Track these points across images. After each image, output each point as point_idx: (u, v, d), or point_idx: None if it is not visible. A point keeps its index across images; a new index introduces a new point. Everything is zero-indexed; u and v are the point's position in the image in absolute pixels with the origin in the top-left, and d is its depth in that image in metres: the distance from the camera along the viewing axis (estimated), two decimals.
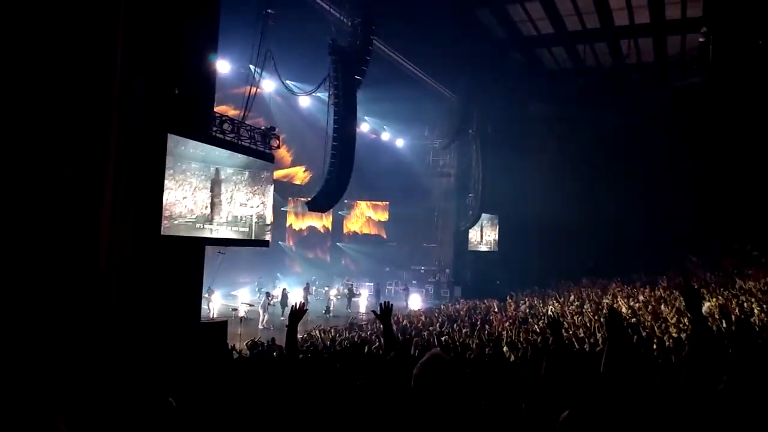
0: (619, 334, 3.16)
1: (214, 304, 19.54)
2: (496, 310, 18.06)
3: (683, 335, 9.52)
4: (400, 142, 30.04)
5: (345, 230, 32.89)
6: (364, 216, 33.08)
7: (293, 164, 28.04)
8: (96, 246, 8.21)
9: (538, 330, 12.44)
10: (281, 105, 22.58)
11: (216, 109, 12.33)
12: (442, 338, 11.63)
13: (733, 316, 12.00)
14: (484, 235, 29.20)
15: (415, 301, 25.17)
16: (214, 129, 11.77)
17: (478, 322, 15.09)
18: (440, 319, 16.63)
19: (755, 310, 12.66)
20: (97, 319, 8.17)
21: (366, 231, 32.98)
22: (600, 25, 20.99)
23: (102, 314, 8.29)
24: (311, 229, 31.65)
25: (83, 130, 8.06)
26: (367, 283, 28.13)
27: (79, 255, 8.04)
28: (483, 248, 29.12)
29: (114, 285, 8.65)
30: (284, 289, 20.39)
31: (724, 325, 10.74)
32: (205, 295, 15.80)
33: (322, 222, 32.17)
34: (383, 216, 32.91)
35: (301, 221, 31.11)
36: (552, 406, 2.44)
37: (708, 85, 21.39)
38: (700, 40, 19.37)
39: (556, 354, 2.65)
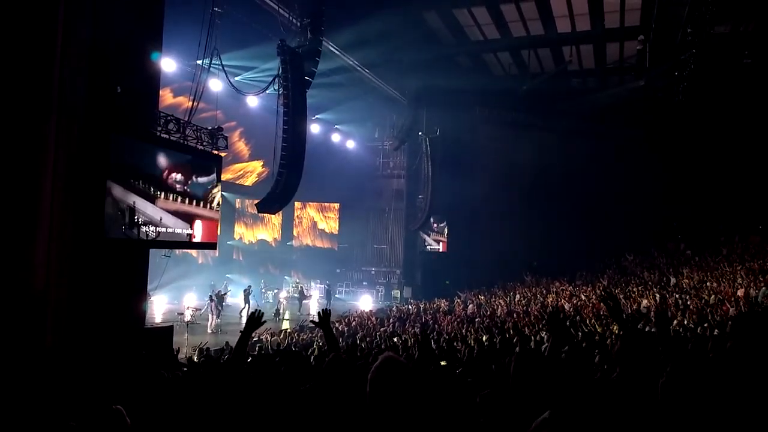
0: (560, 331, 3.28)
1: (156, 308, 18.89)
2: (445, 309, 18.34)
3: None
4: (350, 144, 30.00)
5: (296, 243, 32.44)
6: (317, 228, 32.70)
7: (252, 158, 27.48)
8: (34, 249, 7.85)
9: (484, 328, 12.71)
10: (239, 99, 21.99)
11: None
12: (394, 338, 11.72)
13: (669, 314, 12.59)
14: (433, 236, 29.56)
15: (366, 302, 25.26)
16: (159, 129, 11.44)
17: (429, 322, 15.28)
18: (391, 320, 16.76)
19: (690, 307, 13.33)
20: (36, 324, 7.81)
21: (319, 244, 32.63)
22: (543, 31, 21.59)
23: (41, 320, 7.93)
24: (262, 243, 31.07)
25: (21, 130, 7.69)
26: (318, 285, 27.97)
27: (16, 258, 7.67)
28: (432, 248, 29.47)
29: (53, 290, 8.30)
30: (218, 291, 19.33)
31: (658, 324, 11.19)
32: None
33: (273, 235, 31.71)
34: (334, 228, 32.69)
35: (251, 233, 30.48)
36: (519, 407, 2.50)
37: (644, 91, 22.32)
38: (638, 47, 20.26)
39: (525, 355, 2.74)
